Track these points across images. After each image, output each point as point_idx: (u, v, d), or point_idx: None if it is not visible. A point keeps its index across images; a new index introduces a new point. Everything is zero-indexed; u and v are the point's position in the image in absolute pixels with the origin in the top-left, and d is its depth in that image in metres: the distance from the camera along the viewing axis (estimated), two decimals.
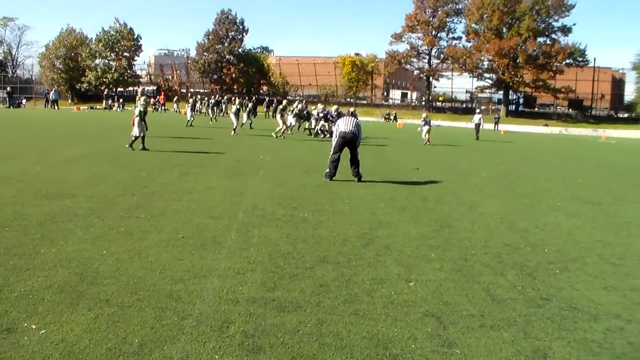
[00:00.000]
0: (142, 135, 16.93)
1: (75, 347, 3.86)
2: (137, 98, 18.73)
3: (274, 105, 49.85)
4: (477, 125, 34.63)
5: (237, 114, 27.16)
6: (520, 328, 4.58)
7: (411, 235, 7.61)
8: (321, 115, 27.80)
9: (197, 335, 4.12)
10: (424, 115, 31.07)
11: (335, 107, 26.31)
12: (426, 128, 27.99)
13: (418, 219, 8.82)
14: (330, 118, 26.41)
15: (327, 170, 12.57)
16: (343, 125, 12.63)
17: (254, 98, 58.71)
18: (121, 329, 4.16)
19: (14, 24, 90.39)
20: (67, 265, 5.54)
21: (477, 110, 39.64)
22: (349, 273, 5.77)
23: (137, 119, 16.89)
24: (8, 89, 64.02)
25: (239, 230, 7.42)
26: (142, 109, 17.17)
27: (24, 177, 10.99)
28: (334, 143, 12.66)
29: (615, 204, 11.47)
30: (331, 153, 12.66)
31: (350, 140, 12.47)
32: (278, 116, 27.72)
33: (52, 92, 60.67)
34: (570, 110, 71.67)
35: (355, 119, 13.12)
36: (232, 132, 26.09)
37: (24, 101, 68.33)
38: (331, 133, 17.87)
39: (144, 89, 70.17)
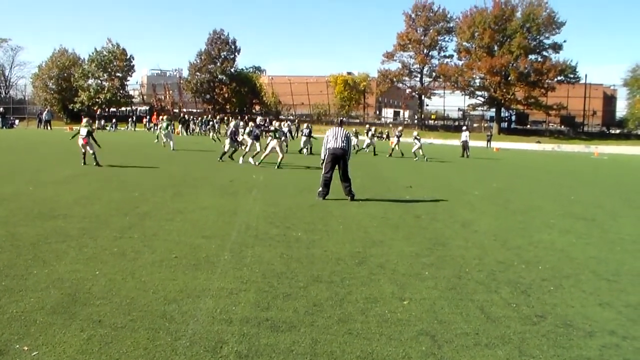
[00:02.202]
0: (92, 152, 18.20)
1: None
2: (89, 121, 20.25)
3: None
4: (465, 143, 34.78)
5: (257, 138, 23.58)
6: (515, 346, 4.56)
7: (405, 254, 7.59)
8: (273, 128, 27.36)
9: (190, 356, 4.09)
10: (415, 133, 31.51)
11: (277, 122, 26.49)
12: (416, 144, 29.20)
13: (411, 237, 8.81)
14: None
15: (320, 189, 12.53)
16: (333, 141, 12.47)
17: (246, 117, 58.84)
18: (114, 350, 4.13)
19: (7, 44, 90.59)
20: (60, 286, 5.50)
21: (464, 128, 39.72)
22: (342, 292, 5.75)
23: (89, 139, 18.38)
24: (1, 109, 63.96)
25: (232, 250, 7.39)
26: (89, 129, 18.78)
27: (16, 197, 10.95)
28: (323, 158, 12.60)
29: (609, 220, 11.49)
30: (323, 172, 12.61)
31: (341, 157, 12.40)
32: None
33: (45, 112, 60.74)
34: (563, 127, 72.23)
35: (345, 131, 12.79)
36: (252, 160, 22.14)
37: (16, 122, 68.32)
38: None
39: (87, 113, 68.85)
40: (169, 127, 29.25)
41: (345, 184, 12.51)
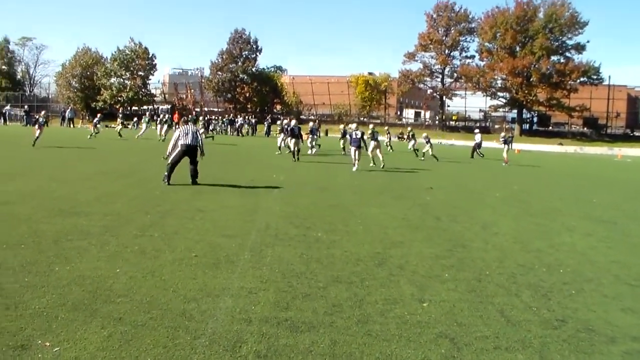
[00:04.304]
0: (38, 137, 24.35)
1: None
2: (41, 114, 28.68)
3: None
4: (477, 145, 34.72)
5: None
6: (535, 350, 4.52)
7: (424, 255, 7.56)
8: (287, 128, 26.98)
9: (209, 355, 4.10)
10: (424, 134, 31.89)
11: (292, 121, 26.79)
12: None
13: (431, 238, 8.78)
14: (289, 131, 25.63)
15: (166, 174, 13.70)
16: (184, 137, 13.76)
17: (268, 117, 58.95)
18: (134, 347, 4.16)
19: (32, 43, 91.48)
20: (81, 283, 5.56)
21: (476, 130, 39.64)
22: (362, 293, 5.75)
23: (42, 127, 25.31)
24: (25, 107, 64.74)
25: (252, 249, 7.42)
26: (44, 119, 26.99)
27: (38, 194, 11.07)
28: (172, 149, 13.85)
29: (631, 224, 11.36)
30: (170, 160, 13.73)
31: (193, 150, 13.84)
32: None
33: (68, 110, 61.32)
34: (585, 128, 71.25)
35: (195, 128, 14.31)
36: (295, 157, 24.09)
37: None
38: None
39: (45, 110, 69.43)
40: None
41: (193, 166, 14.04)
